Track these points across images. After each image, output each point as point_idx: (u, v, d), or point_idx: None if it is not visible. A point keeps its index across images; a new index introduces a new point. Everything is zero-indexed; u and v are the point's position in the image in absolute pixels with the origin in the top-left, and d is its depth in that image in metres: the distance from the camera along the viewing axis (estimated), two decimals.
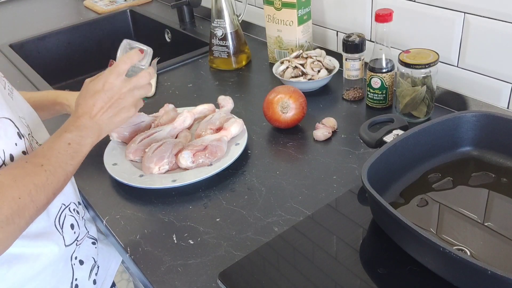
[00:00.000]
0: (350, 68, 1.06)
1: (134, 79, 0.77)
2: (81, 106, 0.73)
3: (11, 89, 0.74)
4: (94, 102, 0.73)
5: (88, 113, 0.73)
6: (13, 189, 0.61)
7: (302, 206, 0.80)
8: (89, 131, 0.72)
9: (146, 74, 0.78)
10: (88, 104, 0.73)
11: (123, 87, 0.75)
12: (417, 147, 0.78)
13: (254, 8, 1.48)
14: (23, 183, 0.62)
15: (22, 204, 0.61)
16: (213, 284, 0.68)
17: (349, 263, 0.67)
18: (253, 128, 1.02)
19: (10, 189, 0.61)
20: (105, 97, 0.73)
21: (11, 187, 0.61)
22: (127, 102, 0.76)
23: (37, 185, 0.63)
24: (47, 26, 1.76)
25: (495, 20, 0.89)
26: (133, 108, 0.77)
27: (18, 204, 0.61)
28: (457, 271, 0.59)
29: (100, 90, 0.74)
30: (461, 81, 1.00)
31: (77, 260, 0.81)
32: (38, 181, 0.64)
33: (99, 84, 0.74)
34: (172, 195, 0.86)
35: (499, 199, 0.74)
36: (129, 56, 0.76)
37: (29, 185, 0.63)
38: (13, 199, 0.60)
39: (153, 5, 1.92)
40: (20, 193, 0.61)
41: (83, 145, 0.71)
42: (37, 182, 0.64)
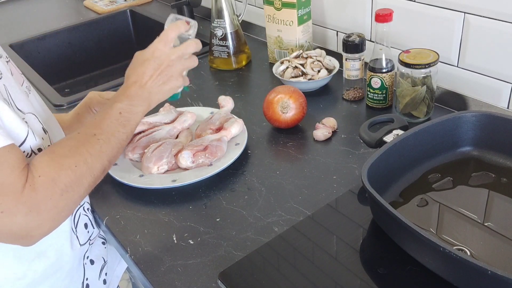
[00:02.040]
0: (350, 68, 1.06)
1: (183, 47, 0.77)
2: (131, 75, 0.74)
3: (29, 86, 0.75)
4: (144, 70, 0.73)
5: (139, 82, 0.73)
6: (69, 158, 0.63)
7: (302, 206, 0.80)
8: (140, 99, 0.73)
9: (193, 43, 0.78)
10: (138, 73, 0.74)
11: (171, 54, 0.75)
12: (417, 147, 0.78)
13: (254, 8, 1.48)
14: (78, 152, 0.64)
15: (79, 172, 0.63)
16: (213, 284, 0.68)
17: (349, 263, 0.67)
18: (253, 128, 1.02)
19: (66, 159, 0.63)
20: (154, 64, 0.74)
21: (67, 156, 0.63)
22: (176, 70, 0.76)
23: (92, 154, 0.65)
24: (47, 26, 1.76)
25: (495, 20, 0.89)
26: (181, 78, 0.78)
27: (75, 172, 0.63)
28: (457, 271, 0.59)
29: (149, 58, 0.74)
30: (461, 81, 1.00)
31: (88, 259, 0.81)
32: (92, 150, 0.66)
33: (148, 52, 0.75)
34: (172, 195, 0.86)
35: (499, 199, 0.74)
36: (176, 25, 0.76)
37: (84, 153, 0.65)
38: (69, 167, 0.62)
39: (153, 5, 1.91)
40: (76, 162, 0.63)
41: (134, 113, 0.72)
42: (92, 151, 0.66)
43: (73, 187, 0.62)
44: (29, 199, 0.57)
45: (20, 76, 0.73)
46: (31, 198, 0.58)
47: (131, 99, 0.72)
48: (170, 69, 0.75)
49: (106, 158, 0.68)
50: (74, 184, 0.62)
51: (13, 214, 0.57)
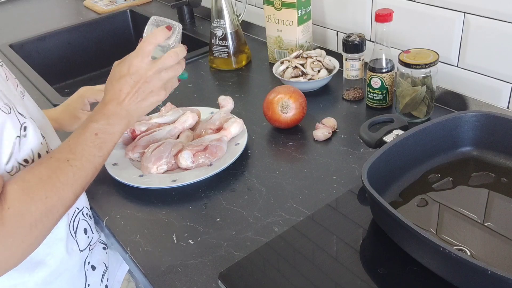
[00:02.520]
0: (350, 68, 1.06)
1: (160, 61, 0.71)
2: (108, 92, 0.70)
3: (23, 90, 0.73)
4: (121, 87, 0.69)
5: (116, 99, 0.69)
6: (40, 189, 0.59)
7: (302, 206, 0.80)
8: (117, 118, 0.68)
9: (173, 54, 0.72)
10: (115, 89, 0.69)
11: (148, 69, 0.70)
12: (417, 147, 0.78)
13: (254, 8, 1.48)
14: (50, 181, 0.60)
15: (50, 204, 0.60)
16: (213, 284, 0.68)
17: (349, 263, 0.67)
18: (253, 128, 1.02)
19: (37, 190, 0.59)
20: (131, 81, 0.69)
21: (38, 187, 0.59)
22: (154, 86, 0.71)
23: (63, 183, 0.61)
24: (47, 26, 1.76)
25: (495, 20, 0.89)
26: (163, 91, 0.72)
27: (45, 204, 0.59)
28: (457, 271, 0.59)
29: (125, 74, 0.69)
30: (461, 81, 1.00)
31: (89, 265, 0.80)
32: (64, 178, 0.62)
33: (124, 67, 0.70)
34: (172, 195, 0.86)
35: (499, 199, 0.74)
36: (154, 35, 0.70)
37: (56, 183, 0.61)
38: (40, 199, 0.59)
39: (153, 5, 1.92)
40: (47, 193, 0.60)
41: (111, 133, 0.67)
42: (64, 179, 0.61)
43: (43, 220, 0.59)
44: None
45: (14, 80, 0.72)
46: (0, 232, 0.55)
47: (108, 118, 0.68)
48: (148, 85, 0.70)
49: (79, 185, 0.64)
50: (44, 217, 0.59)
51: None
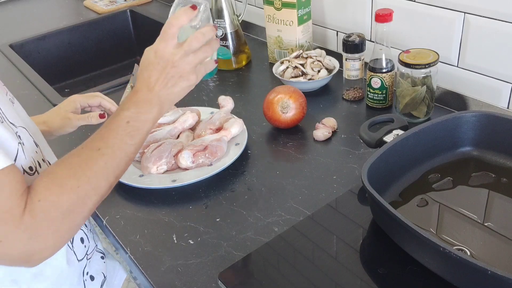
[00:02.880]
0: (350, 68, 1.06)
1: (186, 44, 0.67)
2: (138, 80, 0.68)
3: (12, 98, 0.72)
4: (149, 74, 0.66)
5: (146, 86, 0.66)
6: (71, 178, 0.58)
7: (302, 206, 0.80)
8: (149, 105, 0.66)
9: (199, 35, 0.68)
10: (144, 77, 0.67)
11: (175, 54, 0.66)
12: (417, 147, 0.78)
13: (254, 8, 1.48)
14: (81, 170, 0.59)
15: (82, 193, 0.59)
16: (213, 284, 0.68)
17: (349, 263, 0.67)
18: (253, 128, 1.02)
19: (68, 179, 0.58)
20: (158, 67, 0.66)
21: (68, 176, 0.58)
22: (183, 70, 0.67)
23: (96, 171, 0.60)
24: (47, 26, 1.76)
25: (495, 20, 0.89)
26: (193, 76, 0.69)
27: (77, 193, 0.58)
28: (457, 271, 0.59)
29: (152, 60, 0.67)
30: (461, 81, 1.00)
31: (88, 275, 0.79)
32: (96, 167, 0.60)
33: (151, 54, 0.67)
34: (172, 195, 0.86)
35: (499, 199, 0.74)
36: (177, 17, 0.66)
37: (87, 172, 0.60)
38: (71, 189, 0.58)
39: (153, 5, 1.92)
40: (79, 182, 0.58)
41: (143, 121, 0.65)
42: (96, 168, 0.60)
43: (76, 210, 0.58)
44: (29, 226, 0.54)
45: (3, 87, 0.70)
46: (31, 224, 0.54)
47: (138, 105, 0.65)
48: (177, 70, 0.67)
49: (112, 174, 0.62)
50: (77, 206, 0.58)
51: (13, 242, 0.54)
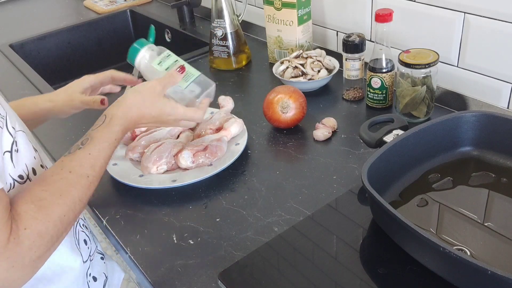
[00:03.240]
0: (350, 68, 1.06)
1: (189, 113, 0.76)
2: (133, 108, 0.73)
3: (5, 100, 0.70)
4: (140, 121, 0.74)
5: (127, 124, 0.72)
6: (58, 207, 0.59)
7: (302, 206, 0.80)
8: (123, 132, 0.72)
9: (201, 113, 0.78)
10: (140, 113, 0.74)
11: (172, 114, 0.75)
12: (417, 147, 0.78)
13: (254, 8, 1.48)
14: (69, 198, 0.60)
15: (67, 221, 0.60)
16: (213, 284, 0.68)
17: (349, 263, 0.67)
18: (253, 128, 1.02)
19: (55, 207, 0.58)
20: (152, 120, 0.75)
21: (58, 205, 0.59)
22: (168, 125, 0.79)
23: (81, 199, 0.62)
24: (47, 26, 1.76)
25: (495, 20, 0.89)
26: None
27: (63, 222, 0.59)
28: (457, 271, 0.59)
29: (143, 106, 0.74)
30: (461, 81, 1.00)
31: (91, 276, 0.79)
32: (82, 194, 0.62)
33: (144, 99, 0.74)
34: (172, 195, 0.86)
35: (499, 199, 0.74)
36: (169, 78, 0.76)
37: (74, 199, 0.61)
38: (58, 218, 0.58)
39: (153, 5, 1.92)
40: (65, 211, 0.59)
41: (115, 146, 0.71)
42: (81, 195, 0.62)
43: (59, 237, 0.59)
44: (13, 254, 0.53)
45: None
46: (15, 252, 0.53)
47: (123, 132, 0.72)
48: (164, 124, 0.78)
49: (88, 198, 0.64)
50: (61, 233, 0.59)
51: None
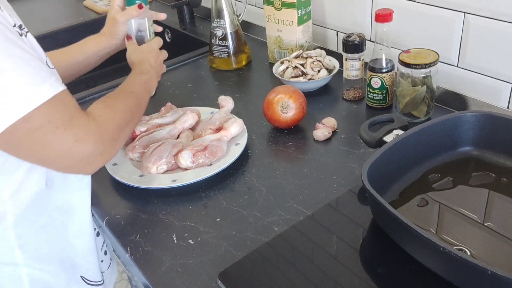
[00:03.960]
0: (350, 68, 1.06)
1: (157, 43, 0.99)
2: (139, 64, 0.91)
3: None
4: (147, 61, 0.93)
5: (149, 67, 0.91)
6: (119, 103, 0.77)
7: (302, 206, 0.80)
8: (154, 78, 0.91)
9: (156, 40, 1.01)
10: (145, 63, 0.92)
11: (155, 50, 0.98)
12: (417, 147, 0.78)
13: (254, 8, 1.48)
14: (123, 101, 0.78)
15: (127, 116, 0.76)
16: (213, 284, 0.68)
17: (349, 263, 0.67)
18: (253, 128, 1.02)
19: (117, 104, 0.76)
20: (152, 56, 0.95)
21: (118, 102, 0.77)
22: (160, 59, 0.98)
23: (131, 104, 0.79)
24: (47, 26, 1.76)
25: (495, 20, 0.89)
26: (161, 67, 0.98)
27: (125, 115, 0.75)
28: (457, 271, 0.59)
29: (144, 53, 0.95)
30: (461, 81, 1.00)
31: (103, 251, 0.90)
32: (131, 101, 0.80)
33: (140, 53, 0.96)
34: (172, 195, 0.86)
35: (499, 199, 0.74)
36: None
37: (127, 103, 0.78)
38: (119, 111, 0.75)
39: (153, 5, 1.91)
40: (125, 107, 0.77)
41: (151, 87, 0.89)
42: (131, 101, 0.80)
43: (124, 126, 0.75)
44: (96, 131, 0.68)
45: None
46: (97, 130, 0.68)
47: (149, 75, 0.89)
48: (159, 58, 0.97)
49: (140, 110, 0.83)
50: (124, 123, 0.75)
51: (85, 142, 0.66)
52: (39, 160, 0.66)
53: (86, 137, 0.66)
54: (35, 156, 0.65)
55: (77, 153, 0.66)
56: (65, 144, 0.64)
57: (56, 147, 0.64)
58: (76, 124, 0.65)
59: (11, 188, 0.69)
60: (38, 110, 0.60)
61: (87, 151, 0.67)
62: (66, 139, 0.64)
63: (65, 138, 0.64)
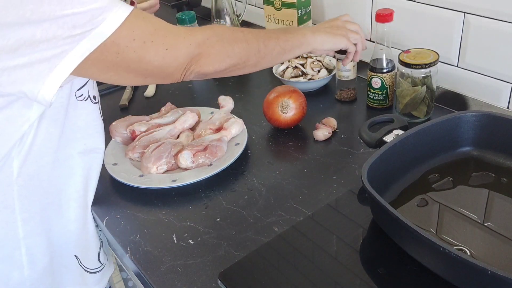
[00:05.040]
0: (341, 69, 1.05)
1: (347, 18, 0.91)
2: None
3: None
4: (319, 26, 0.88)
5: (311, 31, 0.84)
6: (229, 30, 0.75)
7: (302, 206, 0.80)
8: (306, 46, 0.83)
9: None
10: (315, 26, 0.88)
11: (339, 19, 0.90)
12: (417, 147, 0.78)
13: (254, 8, 1.48)
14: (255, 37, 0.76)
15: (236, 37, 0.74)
16: (213, 284, 0.68)
17: (349, 263, 0.67)
18: (253, 128, 1.02)
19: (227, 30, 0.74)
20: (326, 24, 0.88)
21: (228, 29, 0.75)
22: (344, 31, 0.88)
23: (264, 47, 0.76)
24: None
25: (495, 20, 0.89)
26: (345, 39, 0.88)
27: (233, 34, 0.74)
28: (457, 271, 0.59)
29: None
30: (461, 81, 1.00)
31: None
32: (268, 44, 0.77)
33: None
34: (172, 195, 0.86)
35: (499, 199, 0.74)
36: None
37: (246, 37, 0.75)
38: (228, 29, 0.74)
39: None
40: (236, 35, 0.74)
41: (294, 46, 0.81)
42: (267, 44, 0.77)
43: (229, 41, 0.72)
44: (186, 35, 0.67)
45: None
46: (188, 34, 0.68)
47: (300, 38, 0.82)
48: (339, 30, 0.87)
49: (269, 60, 0.78)
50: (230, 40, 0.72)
51: (176, 48, 0.66)
52: (140, 75, 0.67)
53: (175, 42, 0.66)
54: (134, 73, 0.66)
55: (172, 60, 0.66)
56: (158, 55, 0.65)
57: (150, 61, 0.65)
58: (163, 33, 0.65)
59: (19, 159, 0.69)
60: (119, 31, 0.60)
61: (182, 57, 0.67)
62: (156, 50, 0.64)
63: (155, 49, 0.64)
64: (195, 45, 0.68)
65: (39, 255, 0.77)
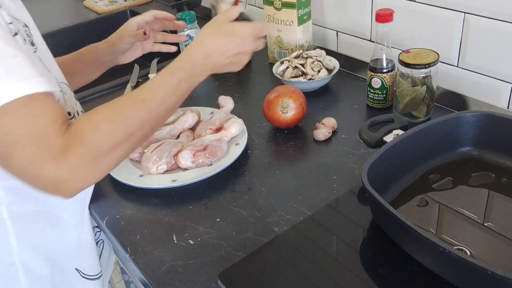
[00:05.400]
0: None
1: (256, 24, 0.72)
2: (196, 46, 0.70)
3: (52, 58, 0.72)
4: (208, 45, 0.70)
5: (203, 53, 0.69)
6: (109, 122, 0.60)
7: (302, 206, 0.80)
8: (202, 71, 0.70)
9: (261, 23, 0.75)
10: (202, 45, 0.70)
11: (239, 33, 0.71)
12: (417, 147, 0.78)
13: (254, 8, 1.48)
14: (121, 116, 0.62)
15: (116, 138, 0.60)
16: (213, 284, 0.68)
17: (349, 263, 0.67)
18: (253, 128, 1.02)
19: (105, 122, 0.60)
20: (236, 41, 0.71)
21: (107, 120, 0.60)
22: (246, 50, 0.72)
23: (134, 120, 0.62)
24: (47, 26, 1.76)
25: (495, 20, 0.89)
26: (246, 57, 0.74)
27: (111, 137, 0.60)
28: (457, 271, 0.59)
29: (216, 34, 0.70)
30: (461, 81, 1.00)
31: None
32: (137, 116, 0.63)
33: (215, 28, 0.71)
34: (172, 195, 0.86)
35: (499, 199, 0.74)
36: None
37: (127, 119, 0.62)
38: (106, 132, 0.59)
39: (153, 5, 1.91)
40: (115, 127, 0.60)
41: (192, 84, 0.69)
42: (136, 117, 0.63)
43: (107, 152, 0.60)
44: (61, 156, 0.56)
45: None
46: (63, 156, 0.56)
47: (194, 69, 0.68)
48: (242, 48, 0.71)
49: (149, 126, 0.65)
50: (108, 149, 0.60)
51: (44, 165, 0.56)
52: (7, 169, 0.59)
53: (44, 160, 0.56)
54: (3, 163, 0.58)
55: (33, 176, 0.57)
56: (21, 163, 0.56)
57: (16, 162, 0.56)
58: (38, 142, 0.56)
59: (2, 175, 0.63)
60: None
61: (45, 177, 0.57)
62: (23, 158, 0.56)
63: (22, 156, 0.55)
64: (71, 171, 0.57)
65: (37, 269, 0.74)
